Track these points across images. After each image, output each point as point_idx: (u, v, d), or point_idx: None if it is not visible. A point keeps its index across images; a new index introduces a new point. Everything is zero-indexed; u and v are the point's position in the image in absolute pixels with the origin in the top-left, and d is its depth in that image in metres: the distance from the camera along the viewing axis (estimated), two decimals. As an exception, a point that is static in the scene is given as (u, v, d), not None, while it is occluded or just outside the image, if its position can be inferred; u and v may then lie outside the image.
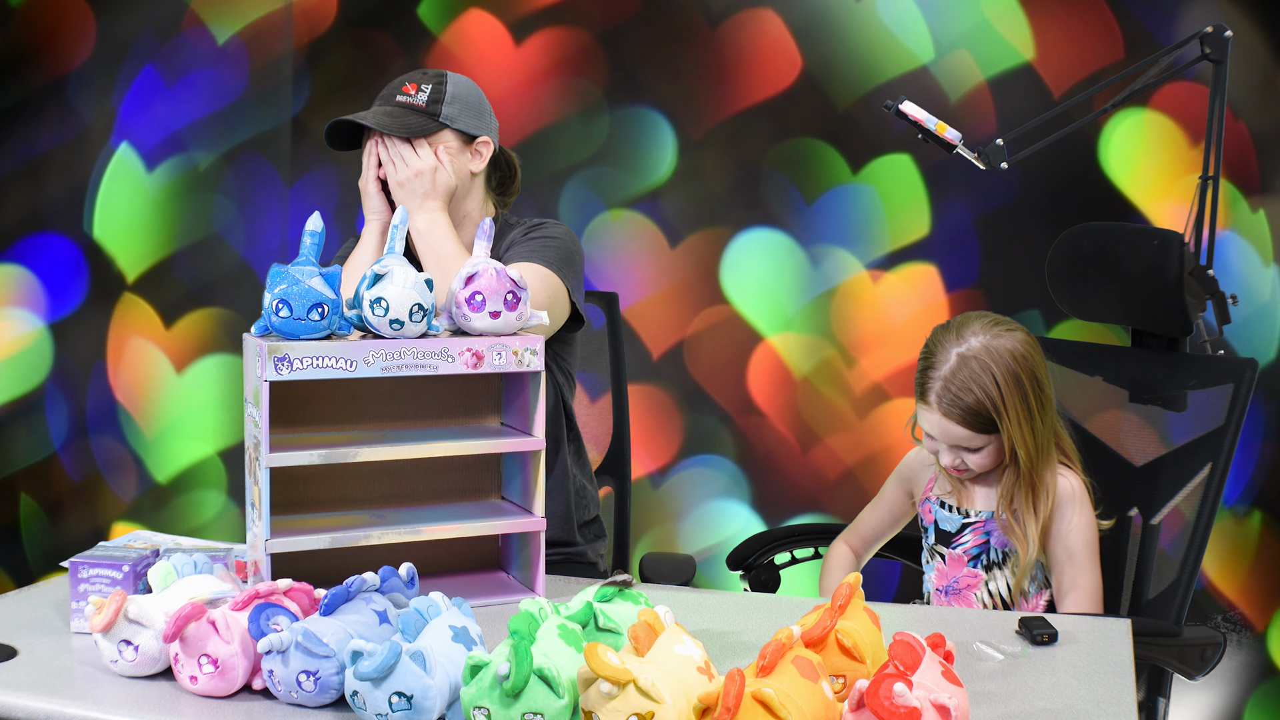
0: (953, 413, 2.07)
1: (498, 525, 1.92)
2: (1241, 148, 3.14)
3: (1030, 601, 2.12)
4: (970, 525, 2.14)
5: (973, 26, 3.28)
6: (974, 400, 2.05)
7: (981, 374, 2.05)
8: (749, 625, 1.80)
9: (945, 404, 2.07)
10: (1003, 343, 2.07)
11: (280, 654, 1.46)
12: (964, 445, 2.09)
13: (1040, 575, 2.12)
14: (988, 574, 2.13)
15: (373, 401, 1.94)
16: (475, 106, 2.21)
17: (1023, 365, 2.06)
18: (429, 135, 2.15)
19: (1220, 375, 2.21)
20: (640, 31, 3.46)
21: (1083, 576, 2.08)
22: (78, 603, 1.72)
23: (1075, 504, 2.09)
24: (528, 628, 1.36)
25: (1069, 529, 2.08)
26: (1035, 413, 2.06)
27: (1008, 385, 2.04)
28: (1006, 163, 2.45)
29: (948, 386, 2.06)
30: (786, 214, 3.40)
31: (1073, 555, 2.08)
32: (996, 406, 2.04)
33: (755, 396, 3.44)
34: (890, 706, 1.26)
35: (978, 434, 2.07)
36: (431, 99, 2.16)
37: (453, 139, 2.18)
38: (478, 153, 2.22)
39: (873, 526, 2.34)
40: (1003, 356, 2.05)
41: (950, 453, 2.11)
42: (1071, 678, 1.60)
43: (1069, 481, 2.10)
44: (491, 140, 2.23)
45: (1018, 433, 2.05)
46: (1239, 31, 2.58)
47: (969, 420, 2.06)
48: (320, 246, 1.78)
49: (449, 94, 2.17)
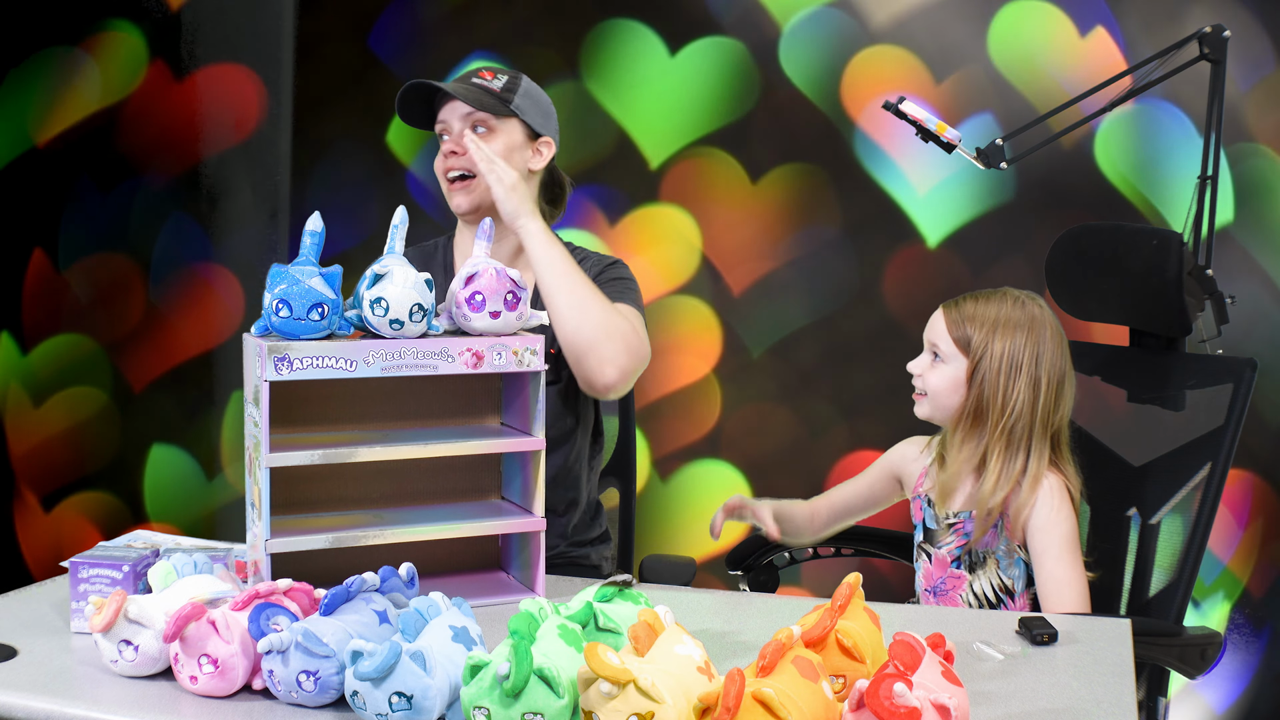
0: (951, 309, 2.13)
1: (498, 525, 1.92)
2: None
3: (1017, 600, 2.12)
4: (953, 526, 2.15)
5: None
6: (973, 311, 2.11)
7: (994, 300, 2.11)
8: (749, 625, 1.80)
9: (951, 305, 2.14)
10: (1037, 310, 2.11)
11: (280, 654, 1.46)
12: (934, 345, 2.14)
13: (1025, 572, 2.12)
14: (971, 574, 2.13)
15: (373, 401, 1.94)
16: (544, 109, 2.25)
17: (1032, 327, 2.09)
18: (499, 117, 2.17)
19: (1220, 375, 2.21)
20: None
21: (1062, 570, 2.07)
22: (78, 603, 1.72)
23: (1051, 504, 2.08)
24: (528, 628, 1.36)
25: (1045, 525, 2.08)
26: (1018, 369, 2.08)
27: (1003, 323, 2.09)
28: (1006, 162, 2.45)
29: (968, 295, 2.14)
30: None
31: (1045, 551, 2.07)
32: (986, 329, 2.09)
33: (755, 396, 3.44)
34: (890, 706, 1.26)
35: (949, 338, 2.12)
36: (506, 88, 2.19)
37: (518, 131, 2.20)
38: (539, 151, 2.24)
39: (845, 495, 2.35)
40: (1023, 305, 2.11)
41: (922, 358, 2.16)
42: (1071, 678, 1.60)
43: (1058, 479, 2.10)
44: (554, 143, 2.26)
45: (990, 364, 2.08)
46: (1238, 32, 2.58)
47: (955, 323, 2.11)
48: (320, 246, 1.78)
49: (523, 89, 2.21)
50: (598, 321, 2.05)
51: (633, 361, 2.07)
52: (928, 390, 2.15)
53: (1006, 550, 2.11)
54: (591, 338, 2.05)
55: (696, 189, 3.48)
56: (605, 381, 2.06)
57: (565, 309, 2.04)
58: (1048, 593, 2.07)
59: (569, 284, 2.05)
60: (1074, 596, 2.05)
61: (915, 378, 2.17)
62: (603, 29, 3.49)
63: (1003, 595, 2.12)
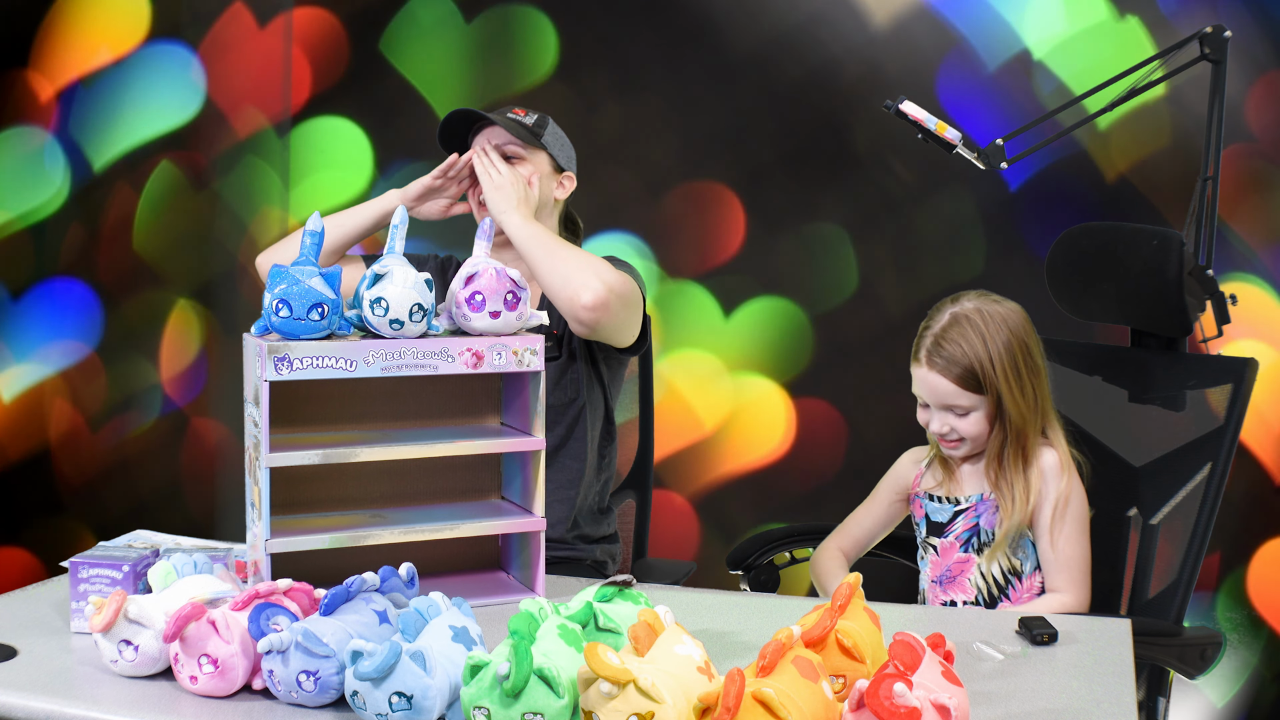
0: (938, 363, 2.11)
1: (498, 525, 1.92)
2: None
3: (1025, 582, 2.12)
4: (962, 511, 2.15)
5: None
6: (961, 354, 2.10)
7: (971, 331, 2.11)
8: (749, 625, 1.80)
9: (935, 358, 2.11)
10: (996, 308, 2.13)
11: (280, 654, 1.46)
12: (952, 405, 2.12)
13: (1033, 555, 2.12)
14: (979, 556, 2.14)
15: (373, 401, 1.94)
16: (568, 149, 2.41)
17: (1013, 329, 2.12)
18: (530, 148, 2.32)
19: (1220, 375, 2.21)
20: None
21: (1069, 546, 2.09)
22: (78, 603, 1.72)
23: (1060, 472, 2.11)
24: (528, 628, 1.36)
25: (1054, 496, 2.10)
26: (1025, 377, 2.11)
27: (995, 344, 2.10)
28: (1006, 162, 2.45)
29: (939, 341, 2.12)
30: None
31: (1051, 525, 2.09)
32: (984, 362, 2.09)
33: (755, 395, 3.44)
34: (890, 706, 1.26)
35: (964, 391, 2.10)
36: (537, 124, 2.35)
37: (546, 163, 2.35)
38: (562, 184, 2.38)
39: (866, 528, 2.35)
40: (994, 317, 2.12)
41: (940, 417, 2.14)
42: (1071, 678, 1.60)
43: (1052, 454, 2.13)
44: (575, 179, 2.41)
45: (1006, 390, 2.09)
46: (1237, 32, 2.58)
47: (956, 375, 2.10)
48: (320, 246, 1.78)
49: (550, 127, 2.37)
50: (571, 257, 2.16)
51: (608, 288, 2.12)
52: (966, 438, 2.14)
53: (1017, 531, 2.12)
54: (566, 271, 2.14)
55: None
56: (583, 303, 2.11)
57: (544, 260, 2.16)
58: (1049, 568, 2.10)
59: (548, 247, 2.17)
60: (1078, 575, 2.09)
61: (945, 444, 2.16)
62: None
63: (1010, 577, 2.13)
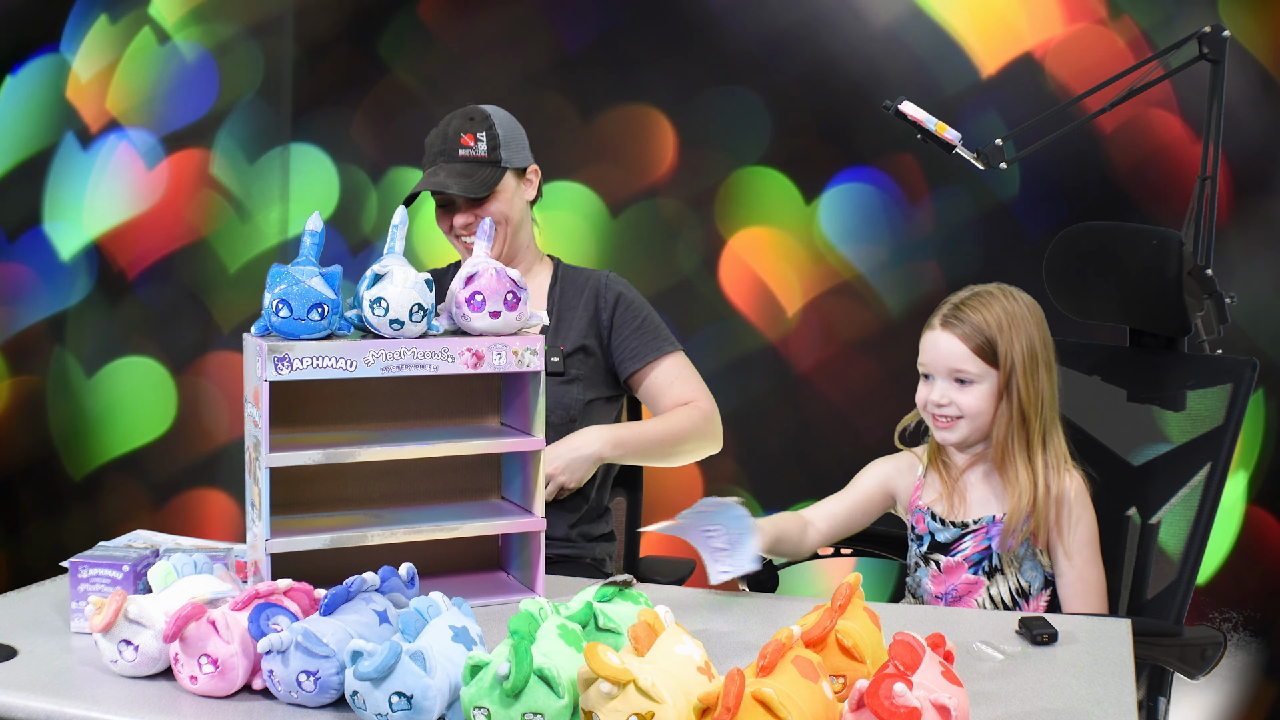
0: (955, 326, 2.08)
1: (498, 525, 1.92)
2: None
3: (1032, 603, 2.11)
4: (970, 533, 2.12)
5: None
6: (982, 321, 2.07)
7: (995, 304, 2.09)
8: (749, 625, 1.80)
9: (953, 321, 2.08)
10: (1023, 295, 2.12)
11: (280, 654, 1.46)
12: (959, 371, 2.07)
13: (1041, 575, 2.11)
14: (990, 580, 2.11)
15: (373, 401, 1.94)
16: (520, 140, 2.30)
17: (1037, 319, 2.10)
18: (498, 183, 2.24)
19: (1219, 375, 2.21)
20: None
21: (1090, 571, 2.08)
22: (78, 603, 1.72)
23: (1081, 502, 2.09)
24: (528, 628, 1.36)
25: (1074, 525, 2.08)
26: (1040, 366, 2.08)
27: (1018, 323, 2.07)
28: (1006, 163, 2.45)
29: (959, 307, 2.10)
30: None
31: (1076, 553, 2.08)
32: (1005, 335, 2.06)
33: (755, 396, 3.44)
34: (890, 706, 1.26)
35: (976, 358, 2.07)
36: (490, 147, 2.24)
37: (511, 179, 2.27)
38: (529, 181, 2.32)
39: (841, 514, 2.21)
40: (1020, 299, 2.11)
41: (941, 387, 2.09)
42: (1071, 678, 1.60)
43: (1075, 480, 2.10)
44: (536, 166, 2.32)
45: (1021, 370, 2.06)
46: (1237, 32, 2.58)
47: (974, 342, 2.06)
48: (320, 246, 1.78)
49: (501, 137, 2.25)
50: (677, 427, 2.33)
51: (717, 421, 2.38)
52: (964, 414, 2.08)
53: (1029, 552, 2.10)
54: (690, 448, 2.36)
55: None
56: (719, 449, 2.41)
57: (668, 451, 2.33)
58: (1073, 594, 2.08)
59: (655, 438, 2.31)
60: (1099, 600, 2.08)
61: (941, 407, 2.10)
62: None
63: (1018, 599, 2.11)
